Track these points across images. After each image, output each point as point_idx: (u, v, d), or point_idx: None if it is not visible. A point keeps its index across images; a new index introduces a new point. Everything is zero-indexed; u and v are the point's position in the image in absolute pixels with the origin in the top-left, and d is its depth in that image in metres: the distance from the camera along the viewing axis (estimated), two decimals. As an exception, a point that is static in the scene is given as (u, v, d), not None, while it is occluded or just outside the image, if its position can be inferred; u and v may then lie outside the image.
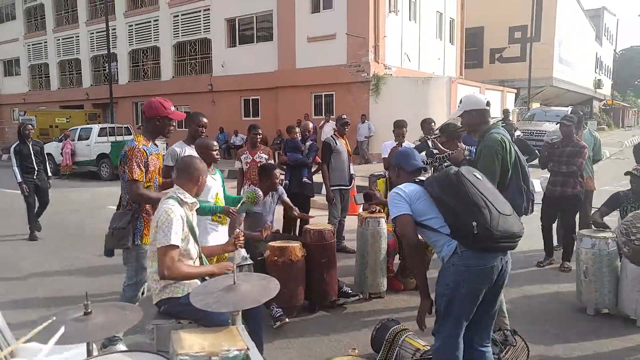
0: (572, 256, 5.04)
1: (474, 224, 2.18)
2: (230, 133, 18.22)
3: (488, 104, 3.33)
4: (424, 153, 5.48)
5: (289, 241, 3.98)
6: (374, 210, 4.47)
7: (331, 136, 5.99)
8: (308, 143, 6.01)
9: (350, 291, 4.31)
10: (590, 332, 3.72)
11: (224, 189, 3.71)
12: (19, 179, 6.70)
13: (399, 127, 5.67)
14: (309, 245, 3.97)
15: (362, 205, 4.57)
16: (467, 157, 4.04)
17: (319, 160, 5.93)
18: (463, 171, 2.37)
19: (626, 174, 4.42)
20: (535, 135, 15.12)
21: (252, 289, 2.01)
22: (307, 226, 4.25)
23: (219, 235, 3.57)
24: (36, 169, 6.82)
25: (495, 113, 15.52)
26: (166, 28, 20.80)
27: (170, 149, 3.85)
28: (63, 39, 25.72)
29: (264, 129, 16.57)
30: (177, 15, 20.42)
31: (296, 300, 3.91)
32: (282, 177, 5.88)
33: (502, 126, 3.96)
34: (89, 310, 1.80)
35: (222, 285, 2.03)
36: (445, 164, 4.75)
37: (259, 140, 5.52)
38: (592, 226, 4.78)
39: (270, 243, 3.87)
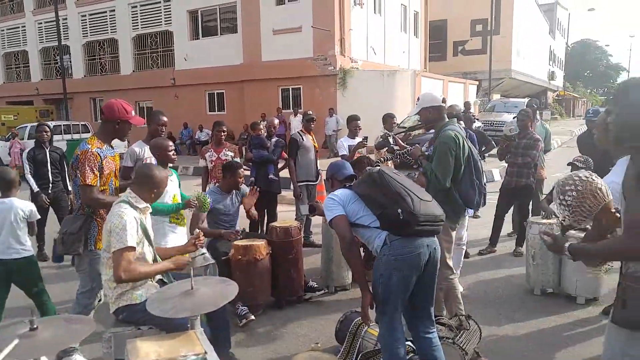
0: (524, 242, 5.31)
1: (399, 210, 2.42)
2: (194, 129, 17.96)
3: (444, 101, 3.49)
4: (385, 149, 5.61)
5: (253, 239, 4.02)
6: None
7: (298, 132, 6.03)
8: (274, 139, 6.02)
9: (316, 285, 4.40)
10: (537, 311, 4.00)
11: (181, 192, 3.69)
12: (35, 188, 5.50)
13: (353, 121, 5.76)
14: (274, 242, 4.03)
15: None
16: (425, 153, 4.17)
17: (286, 156, 5.96)
18: (384, 169, 2.66)
19: (569, 164, 4.67)
20: (495, 126, 15.61)
21: (210, 292, 2.04)
22: (272, 224, 4.29)
23: (177, 237, 3.55)
24: (52, 180, 5.61)
25: (458, 105, 15.88)
26: (124, 19, 20.11)
27: (129, 150, 3.80)
28: (8, 29, 24.41)
29: (230, 123, 16.40)
30: (136, 6, 19.77)
31: (262, 298, 3.97)
32: (248, 173, 5.91)
33: (462, 115, 4.15)
34: (35, 326, 1.72)
35: (179, 290, 2.04)
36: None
37: (223, 137, 5.49)
38: (542, 213, 5.04)
39: (235, 242, 3.90)
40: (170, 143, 3.59)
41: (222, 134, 5.45)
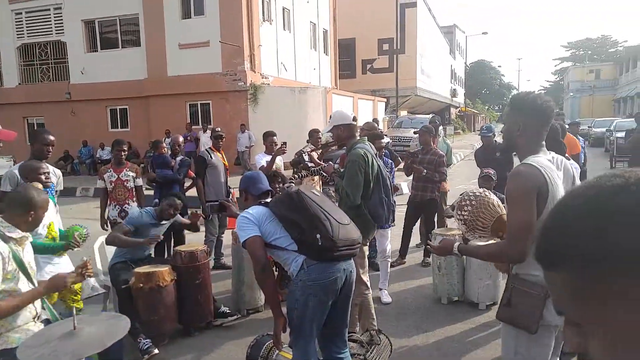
0: (431, 253, 5.62)
1: (318, 236, 2.38)
2: (95, 146, 16.78)
3: (354, 119, 3.58)
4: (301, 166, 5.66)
5: (156, 265, 3.81)
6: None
7: (206, 149, 5.87)
8: (179, 158, 5.81)
9: (227, 310, 4.27)
10: (444, 319, 4.23)
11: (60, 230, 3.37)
12: None
13: (269, 137, 5.74)
14: (180, 267, 3.85)
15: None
16: (337, 170, 4.28)
17: (193, 175, 5.77)
18: (303, 189, 2.58)
19: (481, 176, 5.07)
20: (402, 141, 16.50)
21: (96, 331, 1.86)
22: (177, 248, 4.11)
23: (58, 268, 3.19)
24: None
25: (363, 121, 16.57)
26: (6, 26, 18.28)
27: (8, 172, 3.43)
28: None
29: (135, 141, 15.60)
30: (20, 13, 18.10)
31: (167, 327, 3.76)
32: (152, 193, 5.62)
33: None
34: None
35: (60, 331, 1.83)
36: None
37: (124, 156, 5.19)
38: (446, 221, 5.40)
39: (136, 269, 3.66)
40: (44, 166, 3.26)
41: (123, 153, 5.15)
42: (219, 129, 6.03)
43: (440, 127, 18.63)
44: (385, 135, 16.27)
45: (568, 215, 0.59)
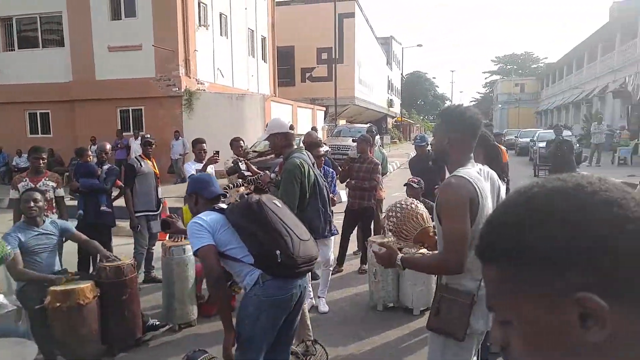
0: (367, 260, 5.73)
1: (278, 252, 2.29)
2: (12, 153, 15.57)
3: (291, 127, 3.57)
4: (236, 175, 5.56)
5: (77, 282, 3.57)
6: (178, 237, 4.32)
7: (136, 157, 5.63)
8: (106, 166, 5.52)
9: (157, 323, 4.10)
10: (379, 326, 4.31)
11: None
12: None
13: (198, 144, 5.58)
14: (103, 284, 3.64)
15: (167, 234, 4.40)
16: (274, 179, 4.25)
17: (121, 184, 5.51)
18: (264, 199, 2.46)
19: (405, 185, 5.23)
20: (341, 150, 16.78)
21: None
22: (101, 263, 3.88)
23: None
24: None
25: (306, 129, 16.68)
26: None
27: None
28: None
29: (58, 148, 14.70)
30: None
31: (90, 348, 3.53)
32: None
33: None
34: None
35: None
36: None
37: (42, 165, 4.85)
38: (383, 228, 5.51)
39: (52, 287, 3.41)
40: None
41: (41, 161, 4.82)
42: (149, 136, 5.79)
43: (377, 137, 19.17)
44: (325, 143, 16.52)
45: (509, 210, 0.63)
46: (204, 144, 5.58)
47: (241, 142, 5.90)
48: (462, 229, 1.83)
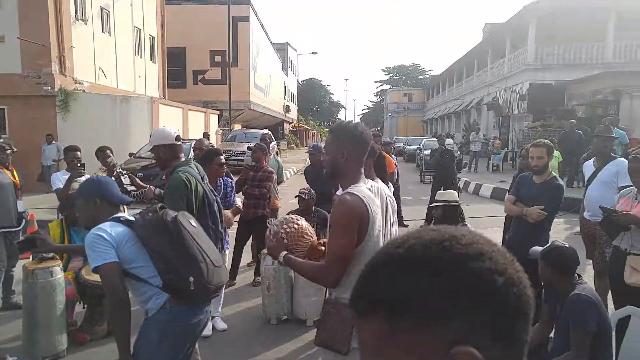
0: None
1: (191, 279, 2.14)
2: None
3: (178, 138, 3.27)
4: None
5: None
6: (43, 257, 3.84)
7: (-10, 166, 4.92)
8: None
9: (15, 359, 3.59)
10: (273, 340, 4.26)
11: None
12: None
13: (70, 152, 5.02)
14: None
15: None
16: (159, 195, 3.97)
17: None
18: (180, 218, 2.27)
19: (296, 197, 5.25)
20: (236, 156, 16.51)
21: None
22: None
23: None
24: None
25: (198, 134, 16.12)
26: None
27: None
28: None
29: None
30: None
31: None
32: None
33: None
34: None
35: None
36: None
37: None
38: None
39: None
40: None
41: None
42: (2, 140, 5.05)
43: (273, 143, 19.20)
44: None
45: (385, 262, 0.61)
46: (78, 152, 5.04)
47: (108, 151, 5.24)
48: (344, 247, 1.89)
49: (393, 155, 9.08)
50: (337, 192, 2.45)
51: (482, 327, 0.55)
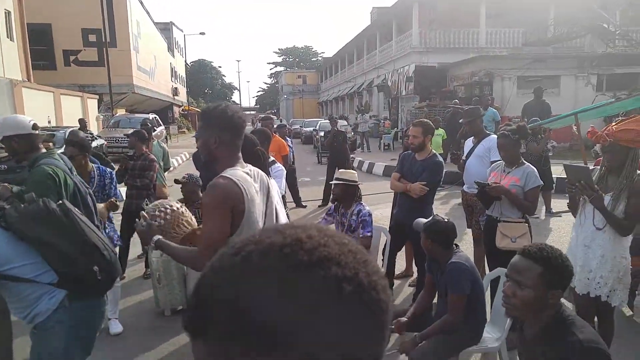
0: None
1: (96, 269, 2.02)
2: None
3: (35, 127, 2.92)
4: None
5: None
6: None
7: None
8: None
9: None
10: (168, 332, 4.14)
11: None
12: None
13: None
14: None
15: None
16: (18, 193, 3.54)
17: None
18: (69, 206, 2.11)
19: (175, 181, 5.10)
20: (121, 142, 15.45)
21: None
22: None
23: None
24: None
25: (74, 121, 14.79)
26: None
27: None
28: None
29: None
30: None
31: None
32: None
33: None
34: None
35: None
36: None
37: None
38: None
39: None
40: None
41: None
42: None
43: (161, 128, 18.31)
44: (99, 136, 14.96)
45: (219, 275, 0.54)
46: None
47: None
48: (216, 232, 1.84)
49: (288, 138, 9.15)
50: None
51: (338, 340, 0.50)
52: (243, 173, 1.97)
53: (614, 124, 2.97)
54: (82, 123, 12.61)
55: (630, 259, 2.96)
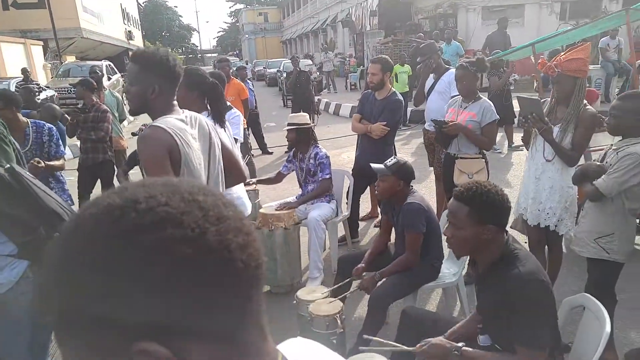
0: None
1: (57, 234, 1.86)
2: None
3: None
4: None
5: None
6: None
7: None
8: None
9: None
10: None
11: None
12: None
13: None
14: None
15: None
16: None
17: None
18: (19, 170, 1.93)
19: (132, 134, 4.95)
20: (73, 93, 14.73)
21: None
22: None
23: None
24: None
25: (18, 71, 13.95)
26: None
27: None
28: None
29: None
30: None
31: None
32: None
33: (21, 87, 3.31)
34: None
35: None
36: None
37: None
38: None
39: None
40: None
41: None
42: None
43: (117, 76, 17.52)
44: (47, 87, 14.19)
45: (54, 246, 0.49)
46: None
47: None
48: None
49: (249, 81, 8.90)
50: None
51: (176, 311, 0.45)
52: (176, 120, 1.89)
53: (562, 54, 3.00)
54: (25, 73, 11.90)
55: (577, 189, 3.11)
